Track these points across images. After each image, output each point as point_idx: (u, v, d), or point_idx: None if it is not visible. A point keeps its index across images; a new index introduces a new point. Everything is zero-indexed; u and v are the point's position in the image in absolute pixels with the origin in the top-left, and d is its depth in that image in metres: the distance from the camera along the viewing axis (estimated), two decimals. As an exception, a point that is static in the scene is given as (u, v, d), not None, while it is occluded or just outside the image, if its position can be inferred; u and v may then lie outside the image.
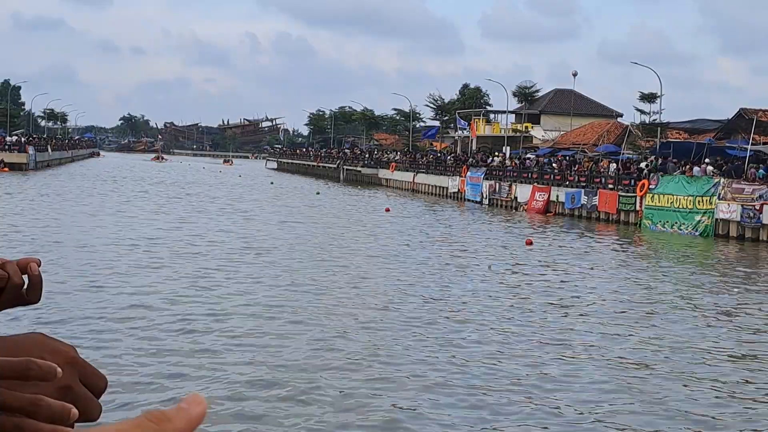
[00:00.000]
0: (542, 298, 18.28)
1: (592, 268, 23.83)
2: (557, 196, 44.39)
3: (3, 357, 0.70)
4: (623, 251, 29.23)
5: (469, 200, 53.59)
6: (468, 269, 22.58)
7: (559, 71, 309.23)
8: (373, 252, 25.55)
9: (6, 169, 67.56)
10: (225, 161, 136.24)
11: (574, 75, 75.83)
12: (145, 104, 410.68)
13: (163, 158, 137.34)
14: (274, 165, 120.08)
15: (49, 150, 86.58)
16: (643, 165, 41.24)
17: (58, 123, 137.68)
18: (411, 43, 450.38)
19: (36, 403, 0.69)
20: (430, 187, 62.15)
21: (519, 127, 73.90)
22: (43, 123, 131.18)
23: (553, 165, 48.69)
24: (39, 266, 0.98)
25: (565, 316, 16.36)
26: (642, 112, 58.57)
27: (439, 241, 30.01)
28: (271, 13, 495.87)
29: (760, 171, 34.39)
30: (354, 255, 24.63)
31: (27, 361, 0.69)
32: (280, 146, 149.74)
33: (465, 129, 77.80)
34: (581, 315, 16.46)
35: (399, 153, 79.33)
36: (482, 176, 53.11)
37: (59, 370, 0.70)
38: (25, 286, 0.94)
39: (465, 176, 55.82)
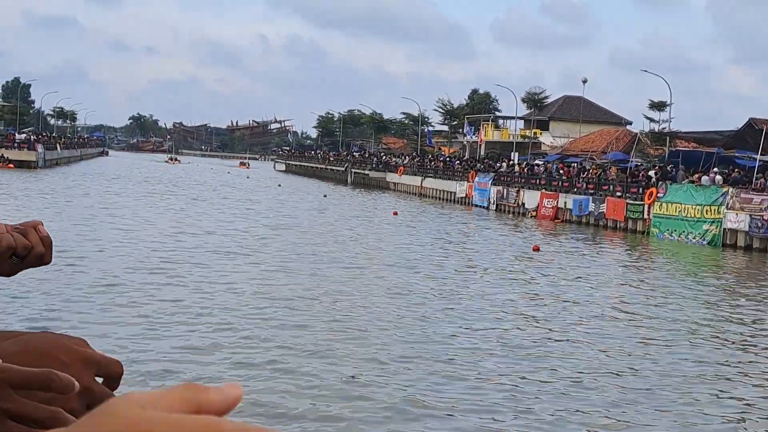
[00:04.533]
0: (546, 303, 18.26)
1: (596, 275, 23.79)
2: (565, 203, 44.36)
3: (22, 362, 0.71)
4: (630, 259, 29.17)
5: (476, 205, 53.58)
6: (473, 273, 22.57)
7: (570, 78, 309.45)
8: (379, 254, 25.54)
9: (11, 165, 67.37)
10: (242, 164, 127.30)
11: (584, 82, 75.98)
12: (155, 104, 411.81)
13: (176, 160, 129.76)
14: (283, 167, 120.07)
15: (58, 148, 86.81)
16: (651, 173, 41.17)
17: (68, 121, 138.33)
18: (422, 47, 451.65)
19: (56, 417, 0.71)
20: (438, 192, 62.12)
21: (528, 133, 73.91)
22: (52, 121, 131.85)
23: (561, 172, 48.63)
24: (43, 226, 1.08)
25: (568, 321, 16.33)
26: (651, 120, 58.68)
27: (446, 244, 29.98)
28: (282, 15, 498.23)
29: (769, 181, 34.32)
30: (361, 257, 24.62)
31: (48, 372, 0.71)
32: (288, 148, 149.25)
33: (472, 135, 77.86)
34: (584, 320, 16.43)
35: (407, 156, 79.31)
36: (490, 182, 53.09)
37: (77, 384, 0.72)
38: None
39: (473, 181, 55.81)
